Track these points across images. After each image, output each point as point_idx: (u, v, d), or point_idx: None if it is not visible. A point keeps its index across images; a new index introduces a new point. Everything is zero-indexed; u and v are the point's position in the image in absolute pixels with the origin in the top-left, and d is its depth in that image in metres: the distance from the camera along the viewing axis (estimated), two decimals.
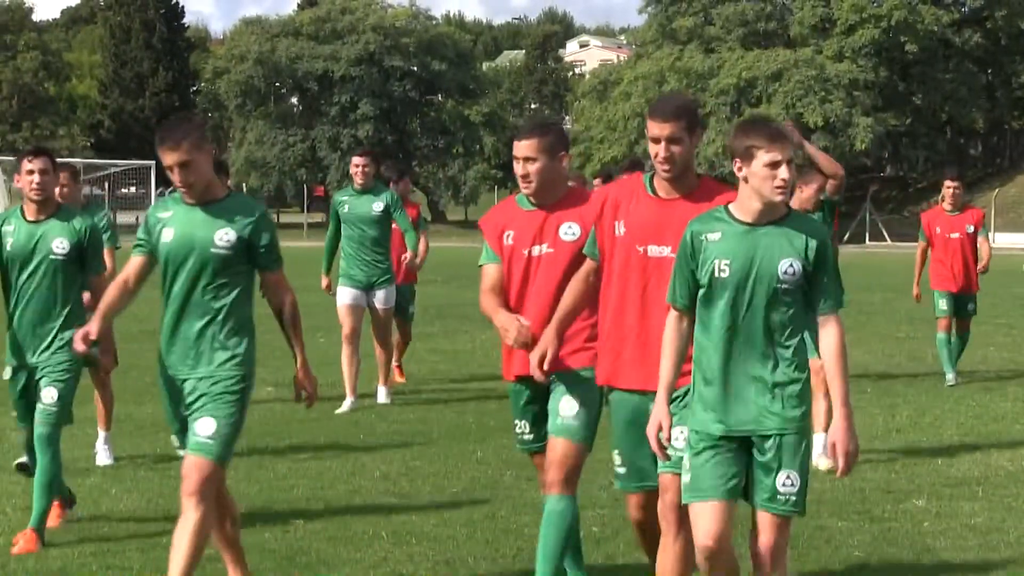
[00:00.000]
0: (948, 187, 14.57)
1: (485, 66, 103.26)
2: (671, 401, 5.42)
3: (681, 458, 5.36)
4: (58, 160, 8.04)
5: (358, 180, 12.91)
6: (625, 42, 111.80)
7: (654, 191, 5.75)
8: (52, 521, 7.91)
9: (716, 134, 75.98)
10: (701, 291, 5.25)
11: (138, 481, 9.29)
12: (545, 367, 6.07)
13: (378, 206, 12.87)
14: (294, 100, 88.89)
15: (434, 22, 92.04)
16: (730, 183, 5.73)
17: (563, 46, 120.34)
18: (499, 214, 6.60)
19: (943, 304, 14.50)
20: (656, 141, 5.71)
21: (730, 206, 5.24)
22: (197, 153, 6.09)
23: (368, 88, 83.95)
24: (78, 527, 7.94)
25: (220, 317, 6.15)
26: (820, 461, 9.42)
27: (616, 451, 6.16)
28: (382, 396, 13.07)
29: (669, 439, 5.42)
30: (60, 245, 7.73)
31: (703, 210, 5.46)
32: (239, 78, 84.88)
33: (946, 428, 11.63)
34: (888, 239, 72.23)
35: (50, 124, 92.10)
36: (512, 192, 19.85)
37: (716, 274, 5.17)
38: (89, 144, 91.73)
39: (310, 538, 7.71)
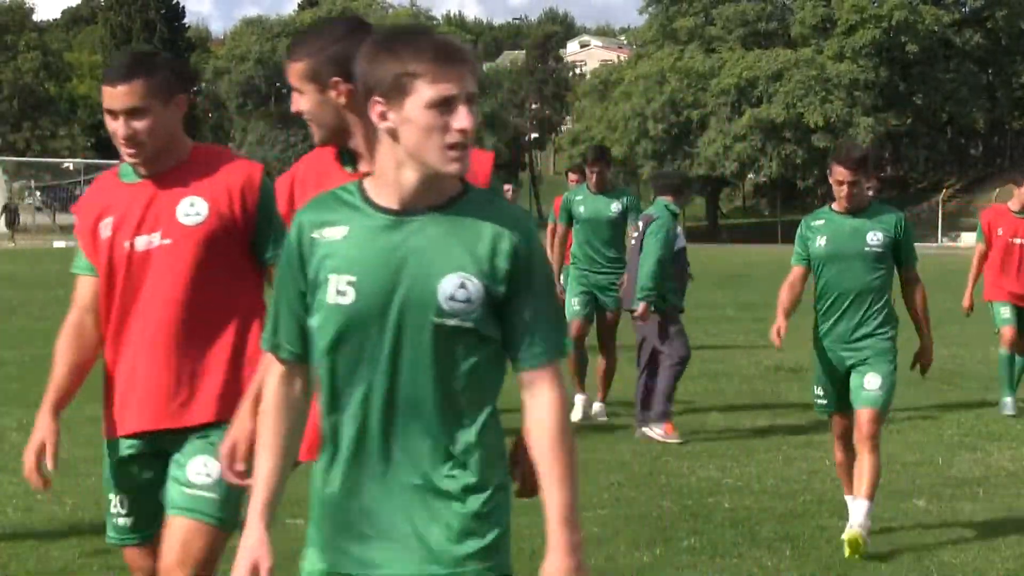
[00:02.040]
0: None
1: (486, 66, 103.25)
2: None
3: None
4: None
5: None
6: (626, 42, 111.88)
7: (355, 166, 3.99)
8: None
9: (717, 134, 76.00)
10: (317, 329, 3.07)
11: None
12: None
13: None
14: None
15: (435, 22, 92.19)
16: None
17: (564, 46, 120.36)
18: (96, 195, 4.49)
19: (1005, 312, 12.51)
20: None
21: (365, 182, 3.10)
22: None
23: None
24: (78, 528, 7.94)
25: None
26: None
27: None
28: None
29: None
30: None
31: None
32: (240, 78, 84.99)
33: (946, 428, 11.63)
34: None
35: (51, 124, 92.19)
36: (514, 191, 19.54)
37: (333, 300, 3.01)
38: (90, 144, 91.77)
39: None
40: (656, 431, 10.78)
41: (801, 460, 10.07)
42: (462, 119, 2.94)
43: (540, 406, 3.22)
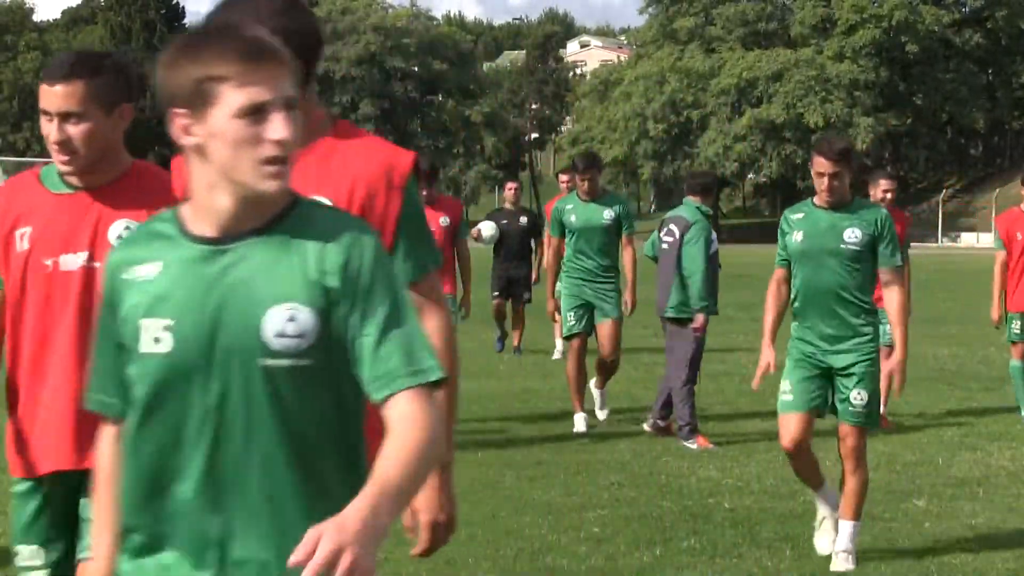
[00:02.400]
0: None
1: (486, 66, 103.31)
2: None
3: None
4: None
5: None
6: (626, 42, 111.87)
7: None
8: None
9: (717, 134, 75.99)
10: (133, 386, 2.66)
11: None
12: None
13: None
14: None
15: (435, 22, 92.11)
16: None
17: (564, 46, 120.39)
18: (11, 198, 3.99)
19: (1016, 327, 11.85)
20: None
21: (182, 209, 2.69)
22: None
23: (369, 88, 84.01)
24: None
25: None
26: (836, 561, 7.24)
27: None
28: None
29: None
30: None
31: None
32: None
33: (946, 428, 11.63)
34: None
35: None
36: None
37: (147, 349, 2.61)
38: None
39: None
40: (692, 447, 10.69)
41: None
42: (278, 128, 2.51)
43: (398, 436, 2.50)
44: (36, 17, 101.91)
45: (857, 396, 7.13)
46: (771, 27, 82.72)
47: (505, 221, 16.85)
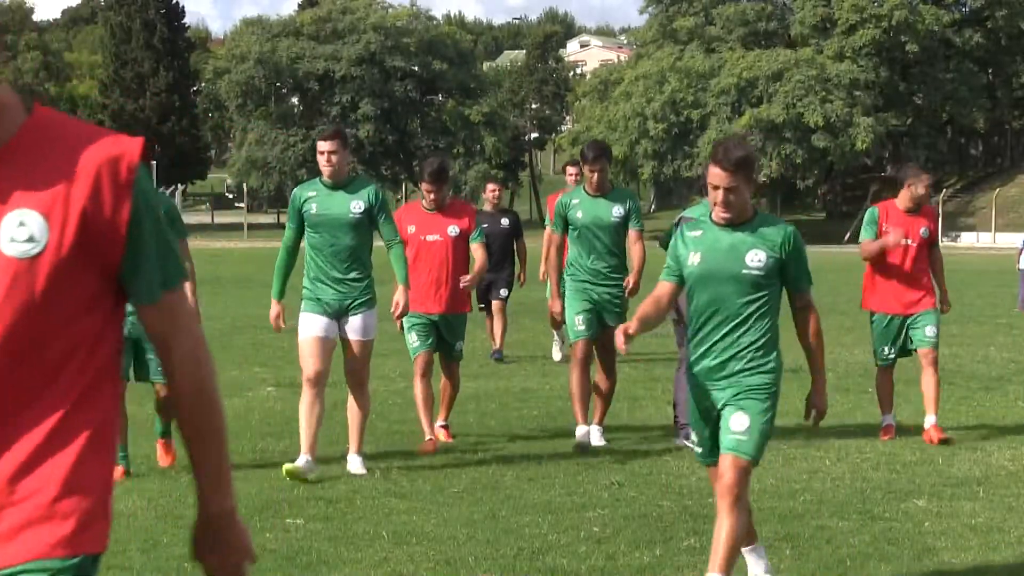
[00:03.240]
0: None
1: (486, 66, 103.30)
2: None
3: None
4: None
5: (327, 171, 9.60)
6: (626, 42, 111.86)
7: None
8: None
9: (717, 134, 75.94)
10: None
11: (139, 481, 9.29)
12: None
13: (357, 206, 9.54)
14: (295, 100, 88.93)
15: (435, 22, 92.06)
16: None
17: (564, 46, 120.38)
18: None
19: None
20: None
21: None
22: None
23: (369, 88, 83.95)
24: None
25: None
26: None
27: None
28: (355, 465, 9.69)
29: None
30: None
31: None
32: (240, 78, 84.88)
33: (945, 428, 11.63)
34: None
35: None
36: (512, 192, 19.26)
37: None
38: None
39: (310, 538, 7.71)
40: (692, 445, 10.67)
41: (801, 460, 10.07)
42: None
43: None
44: (36, 17, 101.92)
45: (738, 420, 6.19)
46: (771, 27, 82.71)
47: (486, 224, 15.03)
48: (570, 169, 14.62)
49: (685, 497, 8.80)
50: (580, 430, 10.62)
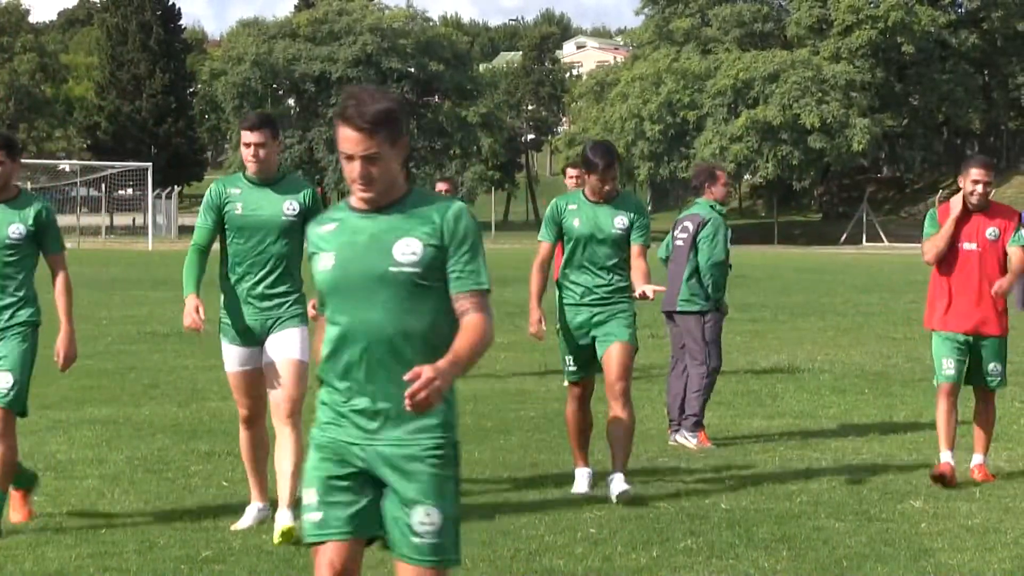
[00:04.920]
0: None
1: (482, 67, 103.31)
2: None
3: None
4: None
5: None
6: (622, 43, 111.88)
7: None
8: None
9: (713, 135, 76.01)
10: None
11: (135, 483, 9.28)
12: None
13: (291, 207, 8.00)
14: (291, 101, 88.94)
15: (431, 23, 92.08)
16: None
17: (560, 47, 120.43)
18: None
19: None
20: None
21: None
22: None
23: None
24: (75, 529, 7.93)
25: None
26: None
27: None
28: (285, 519, 7.62)
29: None
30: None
31: None
32: (236, 80, 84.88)
33: None
34: (885, 240, 72.24)
35: (47, 126, 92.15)
36: (509, 194, 19.22)
37: None
38: (86, 146, 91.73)
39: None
40: (691, 441, 10.76)
41: (798, 461, 10.08)
42: None
43: None
44: (32, 19, 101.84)
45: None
46: (767, 28, 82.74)
47: None
48: (570, 171, 13.22)
49: (682, 498, 8.80)
50: (579, 474, 8.99)
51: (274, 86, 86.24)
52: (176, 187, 74.73)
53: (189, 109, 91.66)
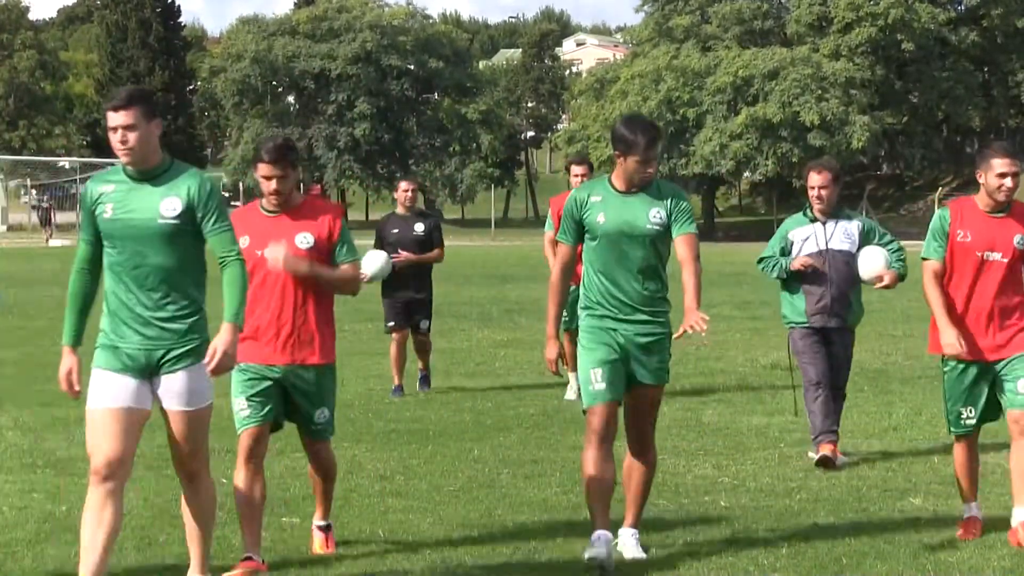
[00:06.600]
0: None
1: (482, 64, 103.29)
2: None
3: None
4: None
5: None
6: (622, 40, 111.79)
7: None
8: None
9: (713, 132, 76.01)
10: None
11: (134, 480, 9.27)
12: None
13: (171, 206, 6.32)
14: (291, 99, 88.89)
15: (431, 20, 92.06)
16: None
17: (560, 44, 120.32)
18: None
19: None
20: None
21: None
22: None
23: (365, 86, 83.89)
24: (74, 528, 7.93)
25: None
26: None
27: None
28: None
29: None
30: None
31: None
32: (236, 77, 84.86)
33: (943, 426, 11.58)
34: None
35: (47, 123, 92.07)
36: (508, 191, 19.27)
37: None
38: (86, 143, 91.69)
39: (307, 537, 7.71)
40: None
41: (797, 458, 10.08)
42: None
43: None
44: (32, 16, 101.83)
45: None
46: (767, 25, 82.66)
47: (396, 230, 13.27)
48: (575, 169, 12.32)
49: (681, 495, 8.80)
50: (596, 537, 7.05)
51: (274, 83, 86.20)
52: None
53: (189, 106, 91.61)
